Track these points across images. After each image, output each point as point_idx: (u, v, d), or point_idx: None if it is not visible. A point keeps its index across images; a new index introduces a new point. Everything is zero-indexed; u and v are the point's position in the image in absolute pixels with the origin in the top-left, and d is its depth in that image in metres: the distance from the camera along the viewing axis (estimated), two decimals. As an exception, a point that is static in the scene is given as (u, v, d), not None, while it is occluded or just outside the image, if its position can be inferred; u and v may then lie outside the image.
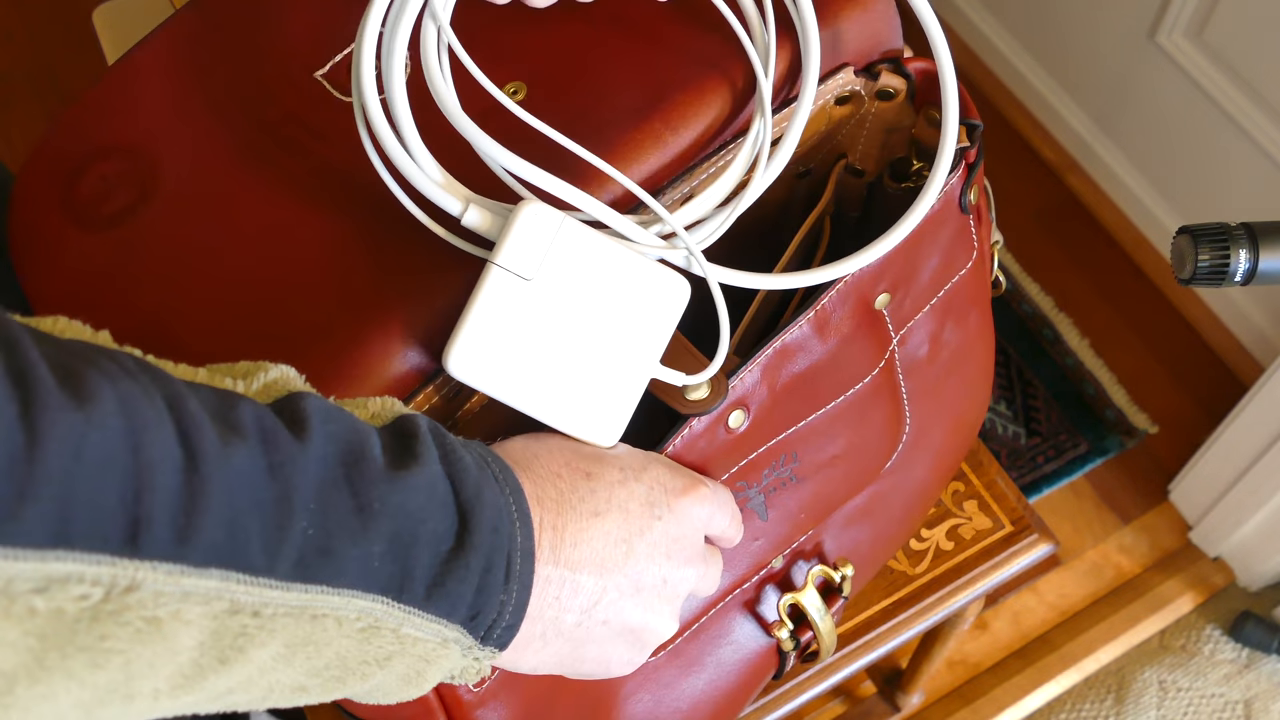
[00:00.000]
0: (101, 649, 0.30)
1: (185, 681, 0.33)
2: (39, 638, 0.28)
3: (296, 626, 0.35)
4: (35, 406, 0.28)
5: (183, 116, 0.54)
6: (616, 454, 0.48)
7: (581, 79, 0.54)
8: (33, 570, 0.28)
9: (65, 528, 0.29)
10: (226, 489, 0.33)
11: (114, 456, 0.30)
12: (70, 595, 0.29)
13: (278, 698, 0.37)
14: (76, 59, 1.67)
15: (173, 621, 0.31)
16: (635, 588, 0.46)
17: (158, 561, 0.31)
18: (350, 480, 0.37)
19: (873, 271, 0.55)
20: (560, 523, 0.44)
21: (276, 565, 0.34)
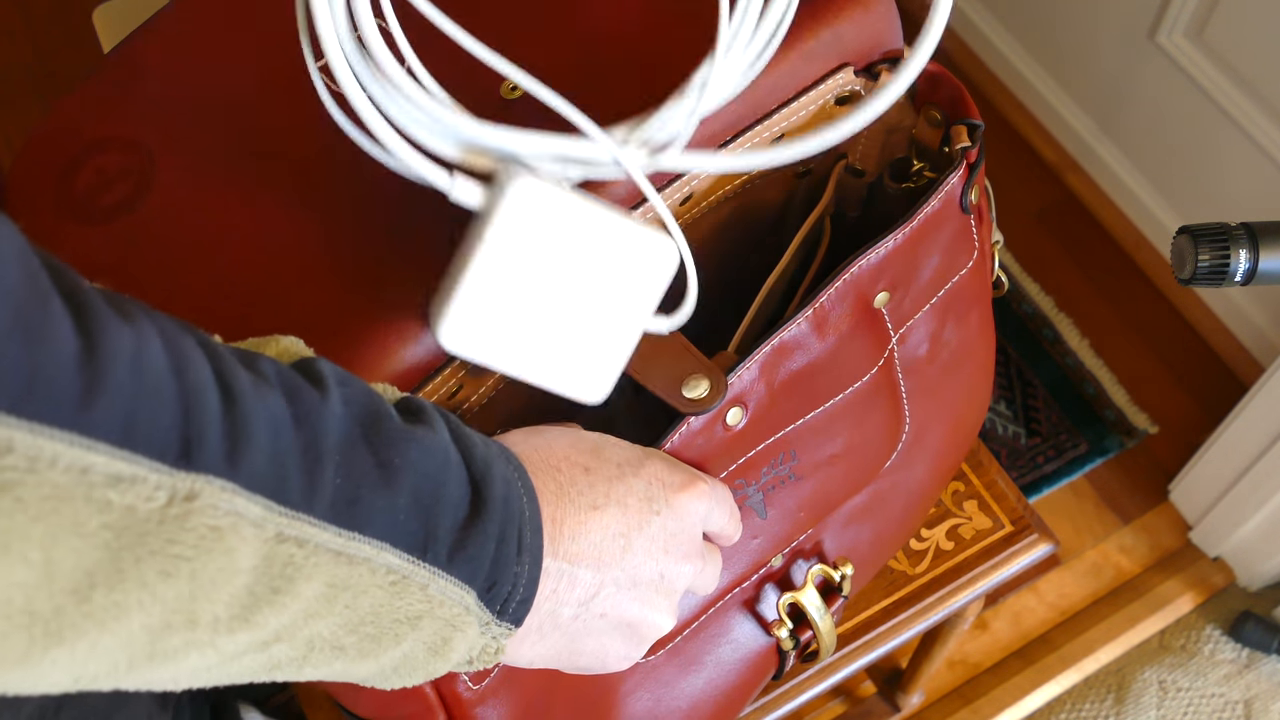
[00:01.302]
0: (170, 554, 0.31)
1: (242, 612, 0.34)
2: (115, 532, 0.30)
3: (335, 567, 0.36)
4: (89, 318, 0.30)
5: (180, 109, 0.54)
6: (615, 449, 0.48)
7: (581, 76, 0.54)
8: (105, 464, 0.29)
9: (129, 432, 0.30)
10: (264, 427, 0.34)
11: (163, 375, 0.31)
12: (140, 494, 0.30)
13: (317, 658, 0.38)
14: (76, 59, 1.67)
15: (232, 534, 0.32)
16: (632, 582, 0.46)
17: (212, 477, 0.32)
18: (369, 439, 0.38)
19: (871, 270, 0.55)
20: (559, 515, 0.44)
21: (314, 505, 0.35)
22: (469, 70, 0.54)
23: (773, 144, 0.56)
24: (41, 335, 0.28)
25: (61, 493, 0.28)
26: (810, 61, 0.54)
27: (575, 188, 0.46)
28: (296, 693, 0.78)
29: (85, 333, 0.29)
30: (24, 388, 0.27)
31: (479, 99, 0.53)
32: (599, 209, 0.45)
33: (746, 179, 0.58)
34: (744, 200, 0.60)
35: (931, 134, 0.59)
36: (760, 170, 0.58)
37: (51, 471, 0.28)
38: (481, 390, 0.53)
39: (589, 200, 0.45)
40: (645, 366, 0.50)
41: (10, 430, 0.27)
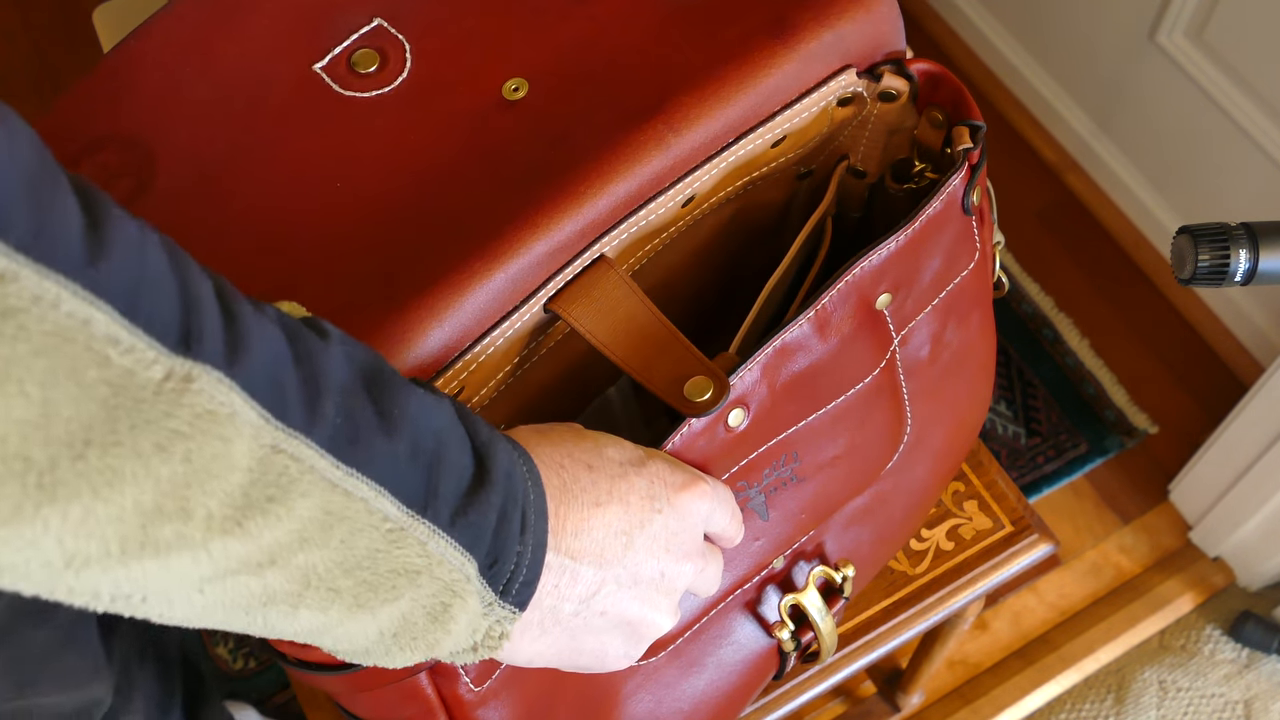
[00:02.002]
0: (166, 428, 0.31)
1: (236, 514, 0.33)
2: (113, 389, 0.30)
3: (332, 495, 0.36)
4: (95, 204, 0.31)
5: (180, 108, 0.54)
6: (618, 448, 0.48)
7: (584, 78, 0.54)
8: (106, 323, 0.30)
9: (134, 303, 0.31)
10: (263, 350, 0.34)
11: (166, 272, 0.32)
12: (139, 360, 0.31)
13: (313, 598, 0.37)
14: (76, 59, 1.67)
15: (229, 424, 0.33)
16: (633, 580, 0.47)
17: (210, 368, 0.32)
18: (369, 392, 0.38)
19: (874, 271, 0.55)
20: (562, 511, 0.44)
21: (313, 431, 0.35)
22: (470, 70, 0.54)
23: (776, 145, 0.56)
24: (50, 205, 0.29)
25: (64, 333, 0.29)
26: (812, 63, 0.54)
27: None
28: (297, 693, 0.78)
29: (91, 214, 0.31)
30: (32, 234, 0.28)
31: (480, 99, 0.53)
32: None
33: (748, 180, 0.58)
34: (746, 202, 0.60)
35: (933, 135, 0.59)
36: (763, 172, 0.58)
37: (55, 312, 0.29)
38: (483, 392, 0.53)
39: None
40: (647, 367, 0.50)
41: (18, 265, 0.28)
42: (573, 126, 0.52)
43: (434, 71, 0.54)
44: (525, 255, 0.49)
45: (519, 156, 0.52)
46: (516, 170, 0.51)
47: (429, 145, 0.52)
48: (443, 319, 0.48)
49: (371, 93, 0.54)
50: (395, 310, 0.48)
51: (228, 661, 1.23)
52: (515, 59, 0.54)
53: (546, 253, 0.50)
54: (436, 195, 0.51)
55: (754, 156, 0.56)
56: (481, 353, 0.50)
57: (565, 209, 0.50)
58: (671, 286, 0.61)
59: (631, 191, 0.52)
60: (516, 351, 0.53)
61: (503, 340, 0.51)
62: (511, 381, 0.54)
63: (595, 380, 0.63)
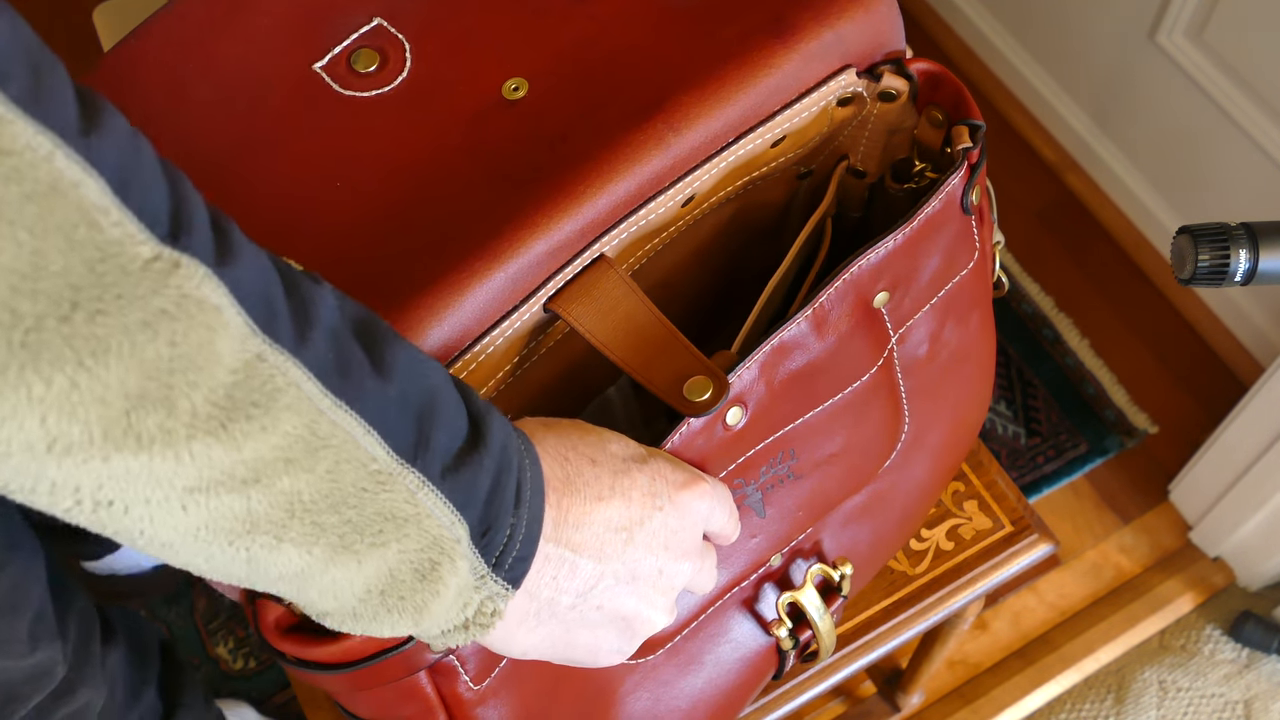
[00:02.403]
0: (153, 306, 0.31)
1: (219, 414, 0.33)
2: (102, 255, 0.30)
3: (320, 420, 0.35)
4: (92, 95, 0.31)
5: (179, 107, 0.54)
6: (621, 444, 0.48)
7: (584, 77, 0.54)
8: (98, 193, 0.30)
9: (124, 186, 0.31)
10: (253, 265, 0.34)
11: (157, 169, 0.32)
12: (128, 234, 0.30)
13: (297, 530, 0.36)
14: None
15: (215, 315, 0.32)
16: (631, 576, 0.47)
17: (199, 263, 0.32)
18: (360, 339, 0.38)
19: (872, 270, 0.55)
20: (565, 503, 0.44)
21: (302, 354, 0.35)
22: (470, 69, 0.54)
23: (775, 145, 0.56)
24: (50, 76, 0.29)
25: (56, 185, 0.29)
26: (812, 63, 0.54)
27: None
28: (296, 693, 0.78)
29: (86, 101, 0.31)
30: (30, 93, 0.28)
31: (480, 98, 0.54)
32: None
33: (748, 180, 0.58)
34: (746, 201, 0.60)
35: (933, 134, 0.59)
36: (763, 171, 0.58)
37: (48, 165, 0.29)
38: (483, 391, 0.53)
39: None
40: (646, 367, 0.50)
41: (14, 116, 0.28)
42: (572, 126, 0.52)
43: (434, 71, 0.54)
44: (525, 254, 0.50)
45: (519, 156, 0.52)
46: (516, 170, 0.51)
47: (428, 145, 0.52)
48: (442, 318, 0.48)
49: (371, 92, 0.54)
50: (395, 309, 0.48)
51: (228, 661, 1.23)
52: (515, 59, 0.54)
53: (546, 252, 0.50)
54: (436, 195, 0.51)
55: (754, 156, 0.56)
56: (481, 352, 0.50)
57: (565, 208, 0.50)
58: (671, 286, 0.61)
59: (631, 191, 0.52)
60: (516, 351, 0.53)
61: (502, 340, 0.51)
62: (511, 381, 0.54)
63: (595, 380, 0.63)
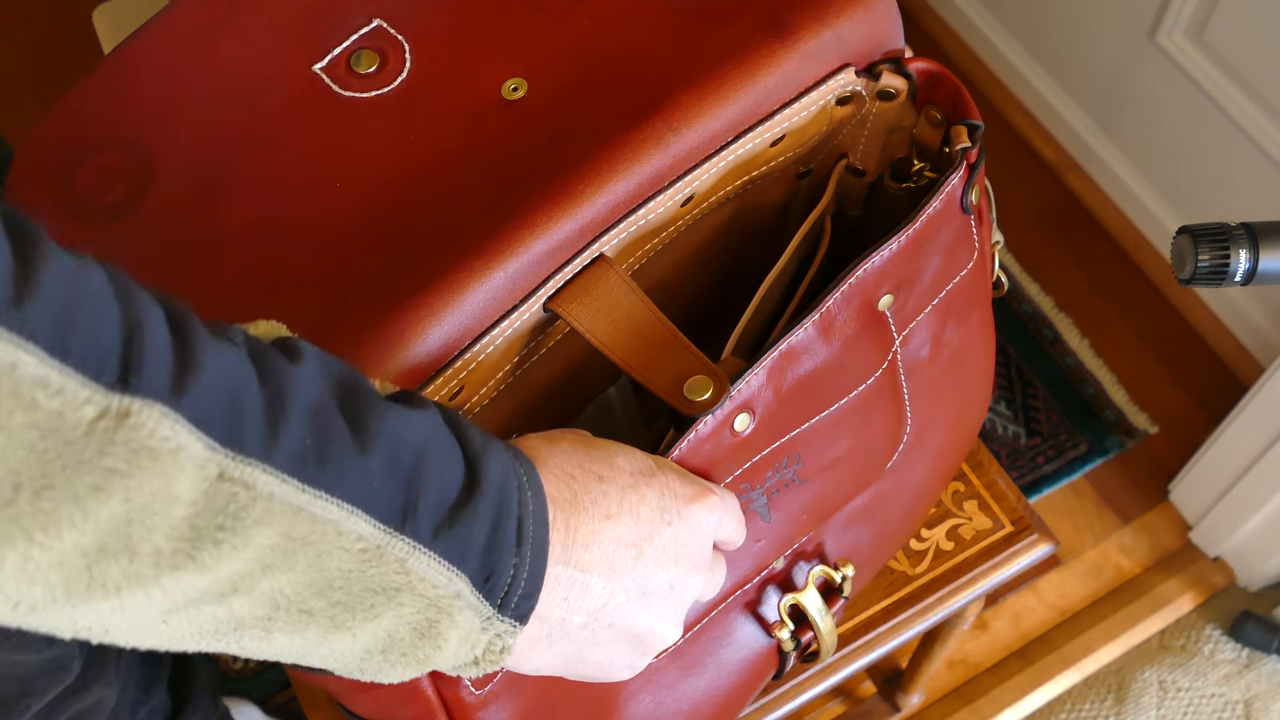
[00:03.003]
0: (101, 467, 0.30)
1: (185, 546, 0.32)
2: (41, 433, 0.29)
3: (295, 520, 0.35)
4: (29, 244, 0.30)
5: (179, 109, 0.54)
6: (628, 458, 0.47)
7: (583, 77, 0.54)
8: (34, 365, 0.29)
9: (64, 342, 0.29)
10: (218, 371, 0.33)
11: (107, 304, 0.31)
12: (69, 401, 0.29)
13: (284, 621, 0.36)
14: (76, 59, 1.67)
15: (169, 459, 0.31)
16: (642, 592, 0.46)
17: (152, 401, 0.31)
18: (344, 407, 0.37)
19: (876, 273, 0.55)
20: (573, 523, 0.44)
21: (273, 455, 0.34)
22: (469, 70, 0.54)
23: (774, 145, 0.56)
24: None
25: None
26: (811, 62, 0.54)
27: None
28: (297, 692, 0.78)
29: (23, 254, 0.29)
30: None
31: (479, 99, 0.54)
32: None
33: (748, 179, 0.58)
34: (745, 201, 0.60)
35: (932, 134, 0.59)
36: (762, 171, 0.58)
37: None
38: (483, 391, 0.53)
39: None
40: (646, 367, 0.50)
41: None
42: (572, 126, 0.52)
43: (433, 72, 0.54)
44: (524, 254, 0.49)
45: (518, 156, 0.52)
46: (516, 169, 0.51)
47: (428, 145, 0.52)
48: (442, 318, 0.48)
49: (371, 93, 0.54)
50: (395, 309, 0.48)
51: (229, 661, 1.23)
52: (514, 59, 0.54)
53: (546, 252, 0.50)
54: (436, 195, 0.51)
55: (753, 155, 0.56)
56: (481, 352, 0.50)
57: (564, 208, 0.50)
58: (671, 286, 0.61)
59: (631, 190, 0.52)
60: (516, 351, 0.53)
61: (502, 339, 0.51)
62: (511, 381, 0.54)
63: (595, 380, 0.63)
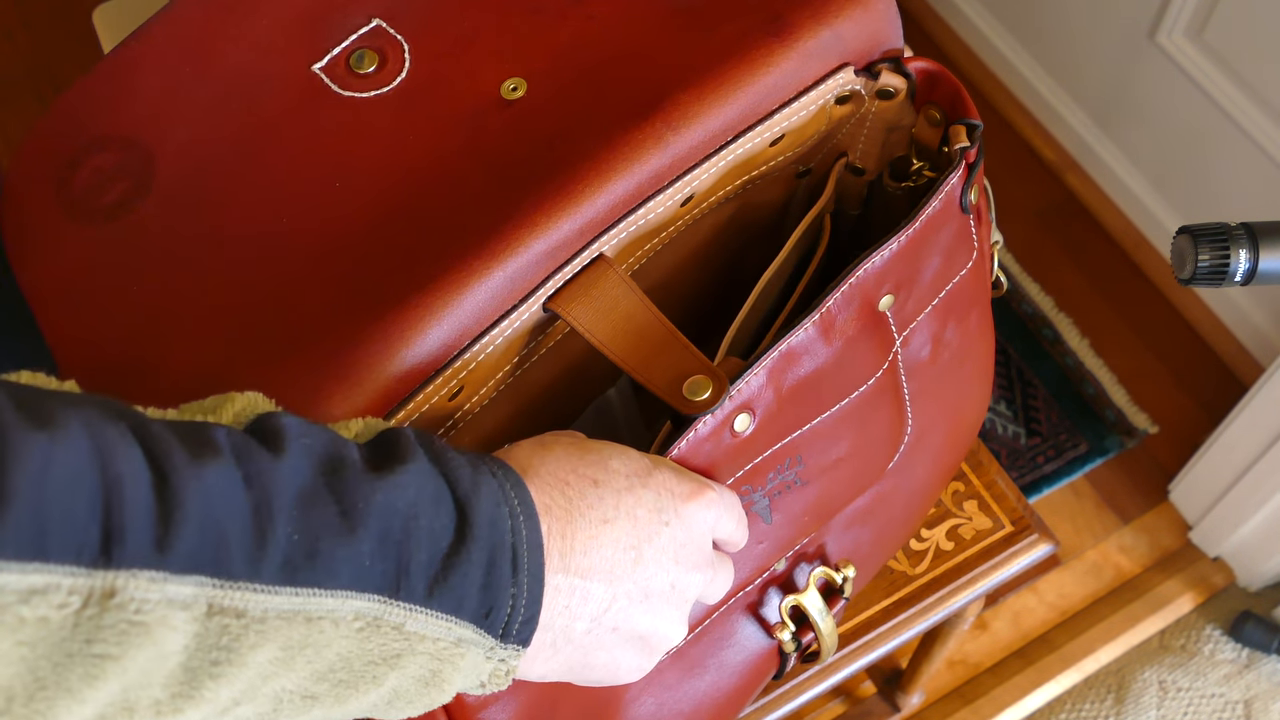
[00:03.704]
0: (91, 655, 0.30)
1: (183, 689, 0.33)
2: (30, 646, 0.29)
3: (291, 629, 0.35)
4: (2, 443, 0.29)
5: (179, 108, 0.54)
6: (623, 459, 0.47)
7: (582, 77, 0.54)
8: (16, 581, 0.29)
9: (41, 541, 0.29)
10: (200, 500, 0.33)
11: (82, 473, 0.31)
12: (52, 604, 0.29)
13: (289, 710, 0.37)
14: (76, 59, 1.67)
15: (159, 626, 0.32)
16: (644, 594, 0.46)
17: (137, 569, 0.31)
18: (331, 488, 0.37)
19: (876, 273, 0.55)
20: (569, 530, 0.44)
21: (261, 570, 0.34)
22: (469, 69, 0.54)
23: (774, 145, 0.56)
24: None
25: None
26: (810, 61, 0.54)
27: None
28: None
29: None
30: None
31: (479, 98, 0.53)
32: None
33: (747, 179, 0.58)
34: (744, 201, 0.60)
35: (931, 133, 0.59)
36: (761, 170, 0.58)
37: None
38: (483, 391, 0.53)
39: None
40: (646, 366, 0.50)
41: None
42: (571, 125, 0.52)
43: (432, 71, 0.54)
44: (524, 254, 0.49)
45: (517, 155, 0.52)
46: (515, 169, 0.51)
47: (427, 145, 0.52)
48: (441, 318, 0.48)
49: (370, 93, 0.54)
50: (394, 309, 0.48)
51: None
52: (513, 58, 0.54)
53: (545, 251, 0.50)
54: (435, 194, 0.51)
55: (752, 155, 0.56)
56: (480, 352, 0.50)
57: (564, 208, 0.50)
58: (671, 286, 0.61)
59: (630, 190, 0.52)
60: (516, 351, 0.53)
61: (502, 339, 0.51)
62: (511, 381, 0.54)
63: (595, 380, 0.62)
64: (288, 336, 0.48)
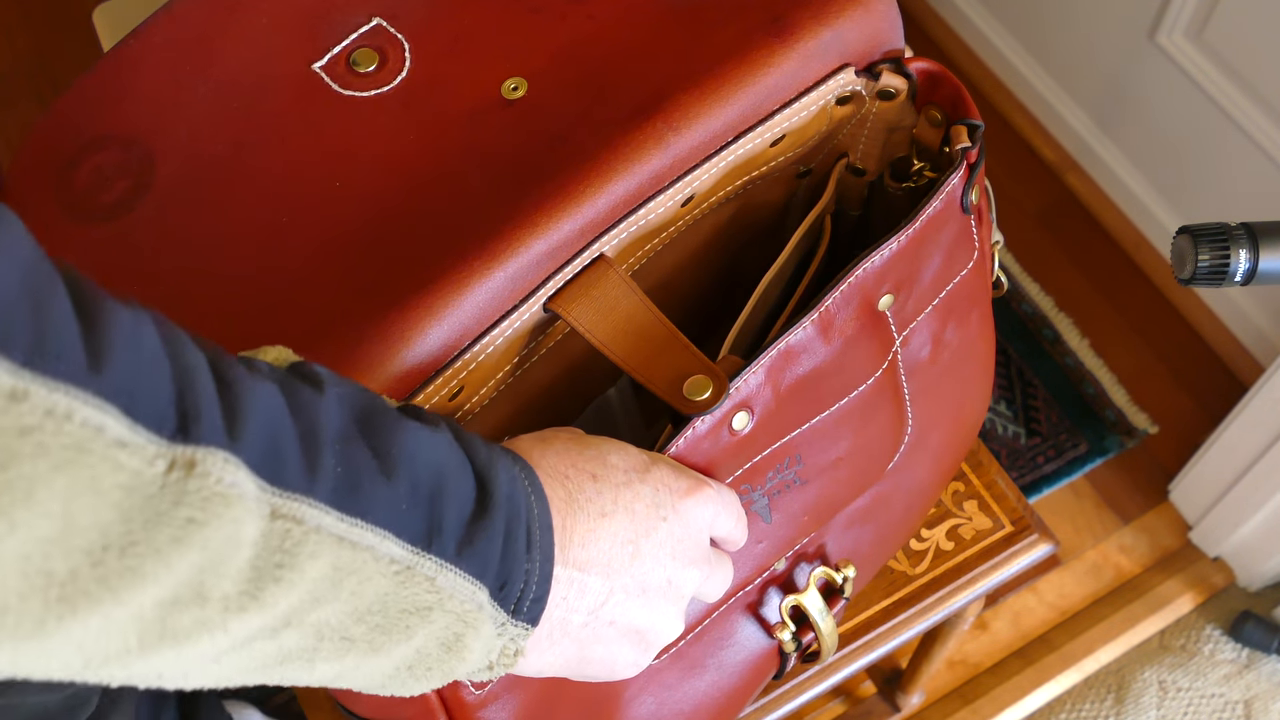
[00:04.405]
0: (178, 518, 0.31)
1: (249, 588, 0.34)
2: (126, 492, 0.30)
3: (339, 550, 0.36)
4: (89, 300, 0.31)
5: (179, 108, 0.54)
6: (621, 454, 0.48)
7: (583, 77, 0.54)
8: (116, 427, 0.30)
9: (133, 400, 0.31)
10: (259, 410, 0.34)
11: (159, 354, 0.32)
12: (144, 456, 0.31)
13: (328, 650, 0.37)
14: (76, 59, 1.67)
15: (239, 503, 0.33)
16: (641, 588, 0.46)
17: (214, 448, 0.32)
18: (365, 434, 0.38)
19: (876, 273, 0.55)
20: (568, 523, 0.44)
21: (315, 488, 0.35)
22: (469, 69, 0.54)
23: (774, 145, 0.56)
24: (50, 312, 0.29)
25: (80, 444, 0.29)
26: (811, 62, 0.54)
27: None
28: (297, 693, 0.78)
29: (86, 315, 0.31)
30: (36, 347, 0.28)
31: (479, 98, 0.54)
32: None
33: (747, 179, 0.58)
34: (745, 201, 0.60)
35: (932, 134, 0.59)
36: (762, 171, 0.58)
37: (69, 424, 0.29)
38: (483, 391, 0.53)
39: None
40: (646, 367, 0.50)
41: (26, 383, 0.28)
42: (572, 125, 0.52)
43: (433, 71, 0.54)
44: (524, 254, 0.49)
45: (518, 155, 0.52)
46: (515, 169, 0.51)
47: (428, 144, 0.52)
48: (442, 318, 0.48)
49: (370, 92, 0.54)
50: (394, 309, 0.48)
51: (227, 662, 1.23)
52: (514, 58, 0.54)
53: (546, 252, 0.50)
54: (435, 194, 0.51)
55: (753, 155, 0.56)
56: (481, 352, 0.50)
57: (564, 208, 0.50)
58: (671, 286, 0.61)
59: (631, 191, 0.52)
60: (516, 351, 0.53)
61: (502, 340, 0.51)
62: (511, 381, 0.54)
63: (595, 380, 0.63)
64: (287, 336, 0.48)
